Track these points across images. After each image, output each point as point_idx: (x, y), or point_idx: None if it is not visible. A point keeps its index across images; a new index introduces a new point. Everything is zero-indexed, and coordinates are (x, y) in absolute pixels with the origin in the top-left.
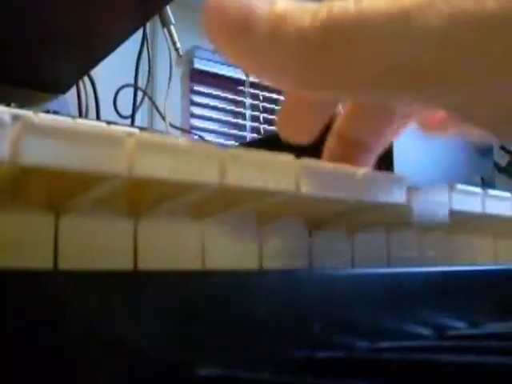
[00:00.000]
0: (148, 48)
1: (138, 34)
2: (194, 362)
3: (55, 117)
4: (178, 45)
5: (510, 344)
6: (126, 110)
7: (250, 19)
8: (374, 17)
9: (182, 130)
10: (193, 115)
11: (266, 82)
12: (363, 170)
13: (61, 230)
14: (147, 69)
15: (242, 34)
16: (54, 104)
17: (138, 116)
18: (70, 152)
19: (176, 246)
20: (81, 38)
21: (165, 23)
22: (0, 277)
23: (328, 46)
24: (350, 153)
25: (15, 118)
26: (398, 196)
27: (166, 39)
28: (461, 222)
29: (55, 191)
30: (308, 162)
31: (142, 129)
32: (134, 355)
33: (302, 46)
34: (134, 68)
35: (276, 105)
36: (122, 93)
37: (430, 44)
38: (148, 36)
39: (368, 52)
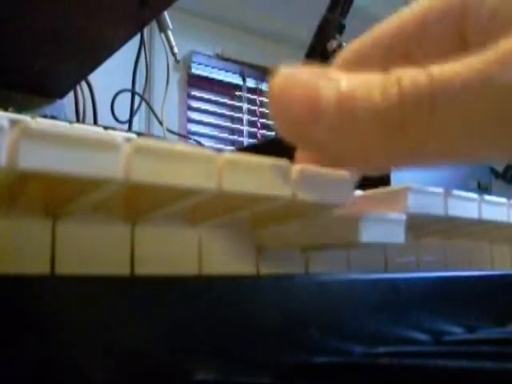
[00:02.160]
0: (145, 53)
1: (136, 39)
2: (191, 366)
3: (53, 122)
4: (176, 50)
5: (505, 349)
6: (124, 114)
7: (318, 106)
8: (448, 84)
9: (180, 135)
10: (190, 120)
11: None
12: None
13: (58, 235)
14: (145, 74)
15: (311, 122)
16: (51, 109)
17: (135, 121)
18: (67, 157)
19: (172, 251)
20: (78, 42)
21: (162, 28)
22: None
23: (407, 122)
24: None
25: (13, 122)
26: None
27: (164, 44)
28: (457, 227)
29: (52, 196)
30: (304, 167)
31: (139, 134)
32: (131, 360)
33: (377, 125)
34: (132, 73)
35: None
36: (119, 98)
37: (507, 103)
38: (146, 41)
39: (449, 120)
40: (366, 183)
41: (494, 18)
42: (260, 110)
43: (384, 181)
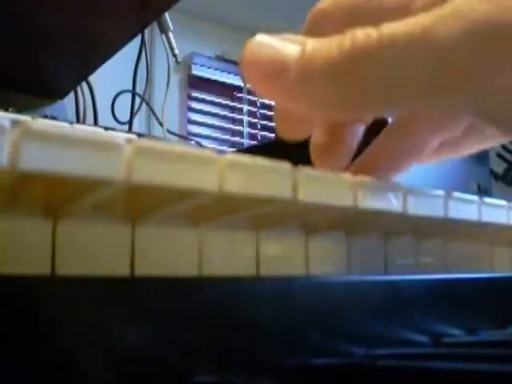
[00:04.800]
0: (146, 54)
1: (137, 40)
2: (190, 368)
3: (54, 122)
4: (176, 51)
5: (505, 351)
6: (124, 115)
7: (282, 64)
8: (394, 38)
9: (180, 136)
10: (190, 121)
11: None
12: (360, 177)
13: (58, 236)
14: (145, 75)
15: (278, 78)
16: (51, 109)
17: (135, 122)
18: (68, 158)
19: (173, 252)
20: (79, 43)
21: (163, 29)
22: None
23: (356, 71)
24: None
25: (14, 123)
26: (395, 203)
27: (165, 45)
28: (457, 229)
29: (53, 197)
30: (305, 169)
31: (139, 135)
32: (131, 361)
33: (333, 76)
34: (132, 74)
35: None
36: (119, 98)
37: (448, 55)
38: (146, 42)
39: (392, 70)
40: None
41: None
42: (260, 111)
43: None
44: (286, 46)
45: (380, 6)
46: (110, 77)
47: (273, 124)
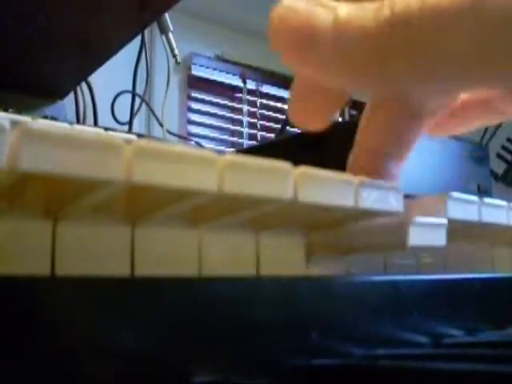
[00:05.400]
0: (146, 54)
1: (137, 40)
2: (190, 368)
3: (54, 123)
4: (176, 51)
5: (506, 352)
6: (124, 116)
7: (315, 31)
8: (437, 8)
9: (180, 136)
10: (190, 122)
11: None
12: (360, 178)
13: (58, 236)
14: (145, 75)
15: (310, 47)
16: (51, 109)
17: (135, 122)
18: (68, 158)
19: (173, 253)
20: (79, 43)
21: (163, 30)
22: None
23: (395, 43)
24: (376, 164)
25: (14, 123)
26: (395, 204)
27: (164, 46)
28: (457, 230)
29: (53, 197)
30: (305, 169)
31: (139, 135)
32: (131, 362)
33: (370, 47)
34: (132, 74)
35: (273, 112)
36: (119, 99)
37: (496, 26)
38: (146, 42)
39: (437, 41)
40: None
41: None
42: (260, 111)
43: None
44: (318, 12)
45: None
46: (110, 77)
47: (272, 124)
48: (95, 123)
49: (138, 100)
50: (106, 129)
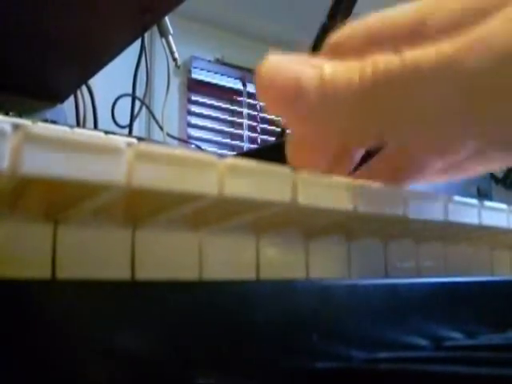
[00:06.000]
0: (146, 58)
1: (137, 43)
2: (191, 371)
3: (55, 126)
4: (176, 55)
5: (506, 355)
6: (124, 119)
7: (301, 88)
8: (417, 64)
9: (180, 139)
10: (190, 125)
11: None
12: (360, 181)
13: (59, 240)
14: (145, 78)
15: (296, 103)
16: (51, 113)
17: (135, 126)
18: (69, 162)
19: (173, 256)
20: (79, 47)
21: (163, 33)
22: None
23: (378, 98)
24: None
25: (15, 127)
26: (395, 207)
27: (164, 49)
28: (457, 233)
29: (54, 201)
30: (305, 173)
31: (139, 139)
32: (132, 365)
33: (355, 104)
34: (132, 78)
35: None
36: (119, 102)
37: (474, 83)
38: (146, 46)
39: (418, 97)
40: None
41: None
42: (260, 115)
43: None
44: (304, 69)
45: (393, 31)
46: (110, 80)
47: (272, 127)
48: (95, 126)
49: (138, 103)
50: (106, 132)
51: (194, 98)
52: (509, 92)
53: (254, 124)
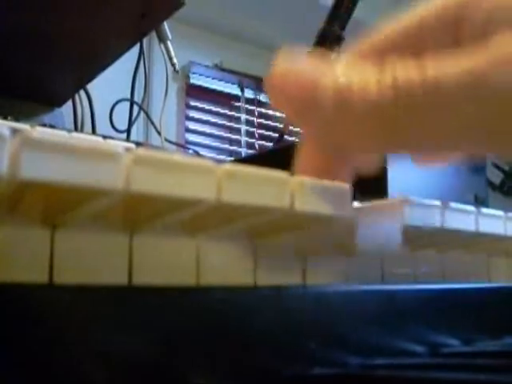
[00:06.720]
0: (144, 63)
1: (135, 48)
2: (188, 377)
3: (53, 131)
4: (175, 60)
5: (503, 362)
6: (122, 124)
7: (316, 97)
8: (439, 83)
9: (178, 144)
10: (188, 130)
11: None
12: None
13: (56, 244)
14: (143, 83)
15: (311, 111)
16: (49, 117)
17: (133, 130)
18: (68, 167)
19: (171, 262)
20: (78, 51)
21: (162, 38)
22: None
23: (400, 113)
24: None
25: (14, 132)
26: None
27: (163, 54)
28: (454, 239)
29: (52, 205)
30: (303, 179)
31: (137, 143)
32: (129, 369)
33: (372, 117)
34: (131, 82)
35: (271, 121)
36: (117, 107)
37: (503, 106)
38: (145, 51)
39: (439, 117)
40: (362, 192)
41: (490, 20)
42: (258, 120)
43: (381, 191)
44: (320, 76)
45: (422, 32)
46: (109, 85)
47: (270, 133)
48: (93, 131)
49: (136, 108)
50: (105, 137)
51: (192, 103)
52: None
53: (252, 130)
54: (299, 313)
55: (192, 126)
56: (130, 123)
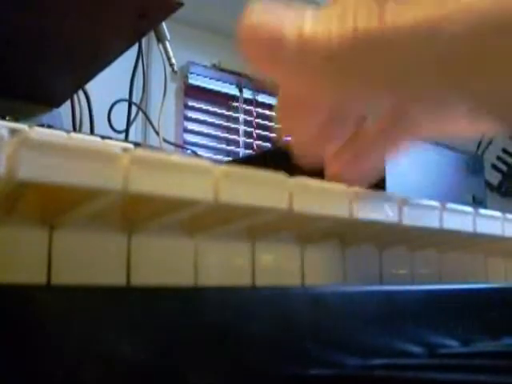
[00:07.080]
0: (143, 63)
1: (134, 49)
2: (186, 377)
3: (51, 131)
4: (173, 60)
5: (500, 362)
6: (120, 124)
7: (282, 41)
8: (396, 29)
9: (176, 145)
10: (186, 130)
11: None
12: (355, 188)
13: (55, 245)
14: (142, 84)
15: (276, 58)
16: (48, 117)
17: (131, 131)
18: (66, 167)
19: (169, 262)
20: (76, 51)
21: (160, 39)
22: None
23: (355, 63)
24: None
25: (12, 132)
26: (390, 214)
27: (161, 54)
28: (452, 240)
29: (50, 206)
30: (300, 179)
31: (136, 144)
32: (127, 369)
33: (331, 65)
34: (129, 83)
35: (270, 121)
36: (116, 107)
37: (455, 48)
38: (143, 51)
39: (392, 60)
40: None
41: None
42: (256, 120)
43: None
44: (286, 23)
45: None
46: (107, 86)
47: (269, 134)
48: (91, 131)
49: (134, 108)
50: (103, 137)
51: (190, 103)
52: (487, 58)
53: (250, 130)
54: (297, 313)
55: (190, 126)
56: (129, 123)
